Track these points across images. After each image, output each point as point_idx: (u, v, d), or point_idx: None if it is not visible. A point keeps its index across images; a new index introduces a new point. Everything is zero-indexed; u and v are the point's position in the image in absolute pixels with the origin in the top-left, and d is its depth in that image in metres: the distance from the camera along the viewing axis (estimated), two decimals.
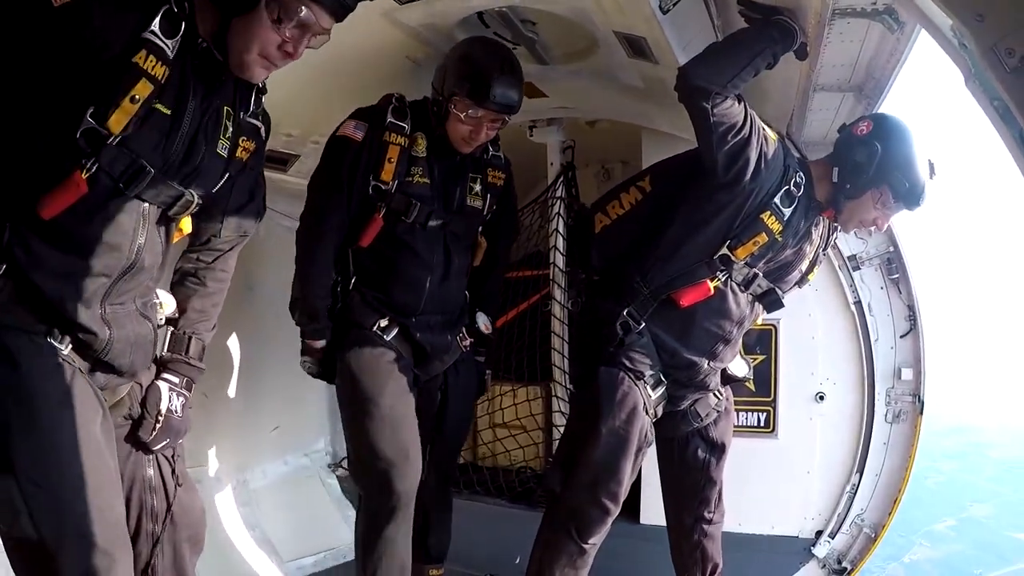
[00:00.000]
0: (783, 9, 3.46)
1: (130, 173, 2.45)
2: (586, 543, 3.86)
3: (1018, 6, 2.00)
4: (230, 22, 2.51)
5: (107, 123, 2.34)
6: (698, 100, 3.43)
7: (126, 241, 2.54)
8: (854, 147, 3.71)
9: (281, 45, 2.53)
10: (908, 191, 3.70)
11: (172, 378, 2.96)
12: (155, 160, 2.50)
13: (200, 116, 2.60)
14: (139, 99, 2.36)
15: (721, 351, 3.95)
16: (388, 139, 3.82)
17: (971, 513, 17.08)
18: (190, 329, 3.05)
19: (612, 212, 4.06)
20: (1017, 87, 2.00)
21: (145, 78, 2.36)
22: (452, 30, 4.35)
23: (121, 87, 2.33)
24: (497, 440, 6.51)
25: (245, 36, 2.51)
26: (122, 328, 2.63)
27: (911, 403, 5.21)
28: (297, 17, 2.49)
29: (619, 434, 3.74)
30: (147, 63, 2.35)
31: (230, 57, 2.56)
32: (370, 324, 3.91)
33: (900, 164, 3.66)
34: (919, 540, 15.64)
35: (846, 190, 3.75)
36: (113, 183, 2.44)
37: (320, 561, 5.79)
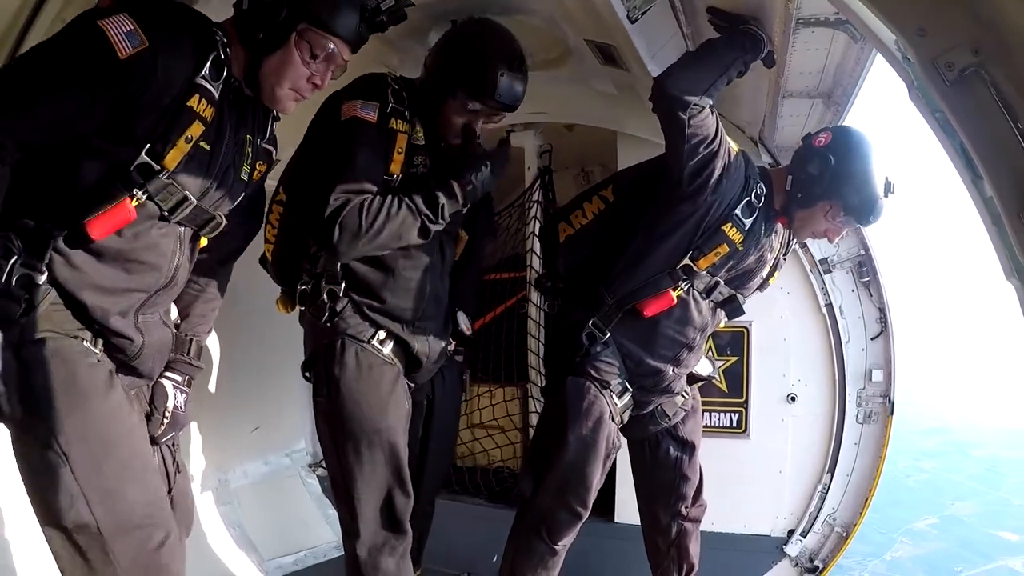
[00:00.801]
0: (750, 18, 3.53)
1: (175, 203, 2.64)
2: (556, 544, 3.92)
3: (957, 22, 2.07)
4: (260, 60, 2.72)
5: (163, 160, 2.55)
6: (675, 111, 3.47)
7: (165, 262, 2.76)
8: (809, 158, 3.76)
9: (310, 78, 2.76)
10: (859, 206, 3.74)
11: (176, 376, 3.15)
12: (196, 190, 2.70)
13: (232, 148, 2.81)
14: (192, 139, 2.60)
15: (685, 358, 4.00)
16: (394, 126, 3.43)
17: (953, 511, 17.23)
18: (191, 332, 3.22)
19: (576, 221, 4.10)
20: (956, 100, 2.07)
21: (198, 120, 2.59)
22: (426, 35, 4.40)
23: (178, 129, 2.55)
24: (475, 440, 6.55)
25: (277, 72, 2.73)
26: (151, 335, 2.83)
27: (882, 404, 5.27)
28: (325, 52, 2.73)
29: (586, 442, 3.79)
30: (199, 106, 2.58)
31: (262, 91, 2.78)
32: (366, 337, 3.53)
33: (853, 179, 3.70)
34: (901, 538, 15.79)
35: (798, 199, 3.80)
36: (159, 211, 2.64)
37: (300, 560, 5.84)
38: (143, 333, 2.78)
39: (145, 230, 2.64)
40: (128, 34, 2.40)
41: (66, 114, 2.42)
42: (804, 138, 3.93)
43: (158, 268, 2.74)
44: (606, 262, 3.91)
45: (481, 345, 6.30)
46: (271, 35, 2.67)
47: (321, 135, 3.52)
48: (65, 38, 2.44)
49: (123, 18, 2.41)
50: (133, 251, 2.63)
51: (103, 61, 2.39)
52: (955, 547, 15.85)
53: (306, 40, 2.69)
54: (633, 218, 3.89)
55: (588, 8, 3.62)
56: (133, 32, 2.40)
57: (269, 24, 2.65)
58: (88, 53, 2.39)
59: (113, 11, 2.42)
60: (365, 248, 3.36)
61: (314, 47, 2.71)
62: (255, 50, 2.70)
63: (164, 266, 2.76)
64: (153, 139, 2.53)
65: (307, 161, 3.62)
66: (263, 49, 2.69)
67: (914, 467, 19.28)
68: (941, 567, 15.30)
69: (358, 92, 3.45)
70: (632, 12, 3.59)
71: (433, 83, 3.58)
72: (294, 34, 2.67)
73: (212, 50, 2.62)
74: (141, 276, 2.70)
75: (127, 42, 2.40)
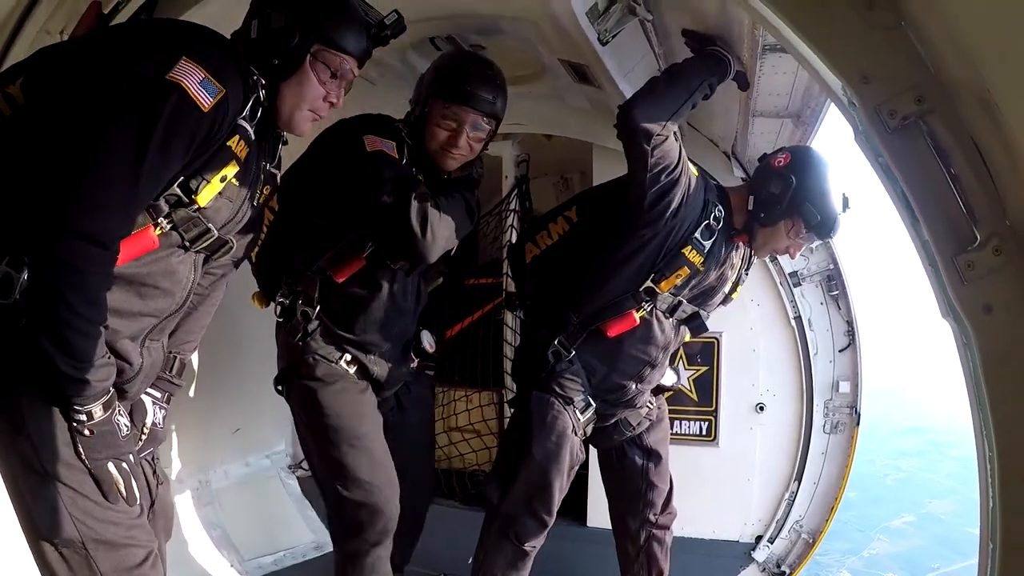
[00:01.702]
0: (718, 39, 3.61)
1: (197, 234, 2.65)
2: (524, 545, 4.02)
3: (902, 70, 2.16)
4: (277, 86, 2.76)
5: (196, 196, 2.54)
6: (639, 141, 3.53)
7: (179, 288, 2.76)
8: (770, 178, 3.83)
9: (326, 97, 2.82)
10: (820, 223, 3.82)
11: (156, 393, 3.13)
12: (218, 223, 2.71)
13: (254, 179, 2.84)
14: (227, 178, 2.62)
15: (648, 374, 4.09)
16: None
17: (930, 509, 17.33)
18: (176, 349, 3.19)
19: (541, 242, 4.18)
20: (896, 147, 2.17)
21: (235, 160, 2.62)
22: (405, 52, 4.48)
23: (215, 167, 2.57)
24: (451, 444, 6.63)
25: (296, 96, 2.79)
26: (151, 357, 2.83)
27: (848, 415, 5.38)
28: (339, 70, 2.81)
29: (550, 455, 3.89)
30: (237, 146, 2.61)
31: (279, 116, 2.83)
32: (334, 358, 3.69)
33: (813, 197, 3.78)
34: (878, 535, 15.90)
35: (760, 218, 3.87)
36: (181, 240, 2.64)
37: (279, 560, 5.89)
38: (143, 356, 2.77)
39: (163, 256, 2.62)
40: (203, 83, 2.40)
41: (163, 179, 2.46)
42: (762, 158, 4.02)
43: (172, 294, 2.74)
44: (571, 283, 3.99)
45: (459, 349, 6.40)
46: (286, 60, 2.72)
47: (340, 162, 3.54)
48: (145, 106, 2.34)
49: (191, 67, 2.39)
50: (150, 276, 2.61)
51: (193, 121, 2.41)
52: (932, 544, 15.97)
53: (320, 60, 2.76)
54: (596, 240, 3.96)
55: (560, 31, 3.69)
56: (207, 80, 2.41)
57: (283, 50, 2.71)
58: (178, 118, 2.37)
59: (169, 57, 2.38)
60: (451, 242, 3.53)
61: (329, 66, 2.79)
62: (271, 77, 2.74)
63: (178, 293, 2.77)
64: (188, 174, 2.52)
65: (314, 180, 3.68)
66: (279, 75, 2.75)
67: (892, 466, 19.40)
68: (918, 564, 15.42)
69: (375, 128, 3.59)
70: (603, 35, 3.65)
71: (416, 106, 3.75)
72: (308, 56, 2.74)
73: (254, 91, 2.65)
74: (155, 301, 2.68)
75: (206, 93, 2.41)
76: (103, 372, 2.41)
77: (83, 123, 2.31)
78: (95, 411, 2.41)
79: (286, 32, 2.70)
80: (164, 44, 2.44)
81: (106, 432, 2.46)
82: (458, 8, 3.97)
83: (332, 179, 3.57)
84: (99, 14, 3.61)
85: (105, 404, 2.45)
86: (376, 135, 3.54)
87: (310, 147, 3.73)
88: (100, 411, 2.43)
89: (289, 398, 3.85)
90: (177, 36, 2.50)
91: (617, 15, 3.61)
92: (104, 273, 2.33)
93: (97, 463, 2.45)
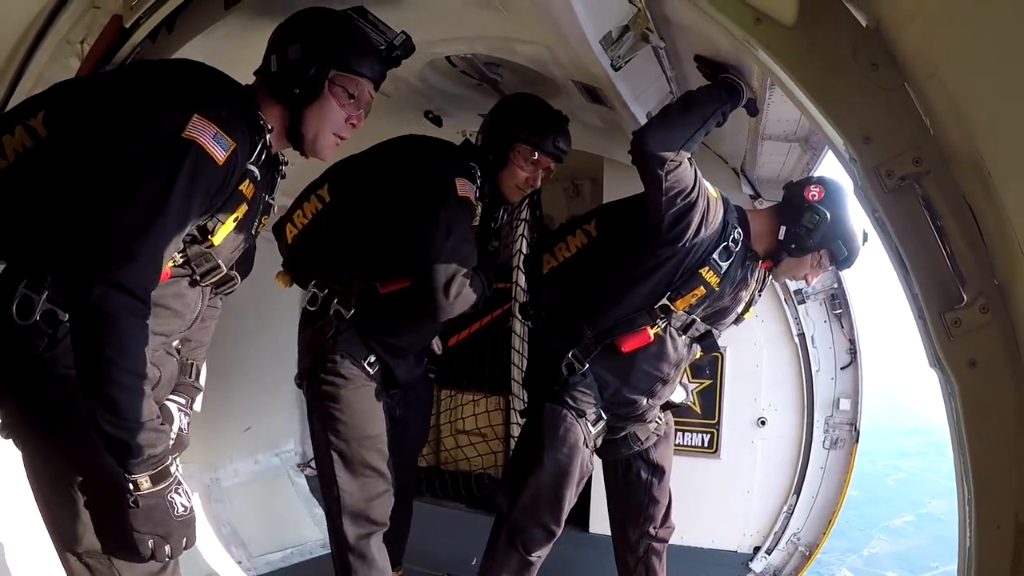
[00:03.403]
0: (731, 66, 3.65)
1: (207, 269, 2.81)
2: (531, 555, 4.09)
3: (901, 132, 2.24)
4: (300, 114, 2.89)
5: (212, 236, 2.70)
6: (653, 167, 3.58)
7: (189, 311, 2.91)
8: (804, 211, 3.83)
9: (348, 119, 2.95)
10: (846, 258, 3.90)
11: (180, 399, 3.21)
12: (226, 259, 2.88)
13: (257, 213, 2.99)
14: (238, 219, 2.78)
15: (659, 390, 4.11)
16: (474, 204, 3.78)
17: (929, 509, 17.34)
18: (191, 357, 3.31)
19: (559, 254, 4.21)
20: (892, 206, 2.25)
21: (245, 202, 2.78)
22: (422, 70, 4.54)
23: (228, 210, 2.71)
24: (459, 447, 6.71)
25: (319, 121, 2.91)
26: (165, 369, 2.97)
27: (848, 431, 5.47)
28: (358, 92, 2.94)
29: (560, 466, 3.94)
30: (247, 189, 2.76)
31: (304, 142, 2.96)
32: (361, 357, 3.80)
33: (844, 233, 3.83)
34: (878, 534, 15.92)
35: (791, 249, 3.90)
36: (192, 274, 2.80)
37: (287, 557, 6.02)
38: (160, 367, 2.90)
39: (175, 282, 2.77)
40: (216, 138, 2.53)
41: (187, 227, 2.59)
42: (790, 187, 4.02)
43: (182, 316, 2.89)
44: (587, 296, 4.02)
45: (468, 354, 6.48)
46: (307, 88, 2.84)
47: (423, 197, 3.65)
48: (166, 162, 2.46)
49: (203, 123, 2.51)
50: (162, 298, 2.70)
51: (209, 172, 2.54)
52: (930, 544, 15.99)
53: (338, 85, 2.88)
54: (614, 255, 3.99)
55: (574, 56, 3.72)
56: (219, 135, 2.54)
57: (302, 79, 2.83)
58: (197, 171, 2.50)
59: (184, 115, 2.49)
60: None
61: (347, 89, 2.90)
62: (293, 105, 2.88)
63: (187, 315, 2.91)
64: (205, 217, 2.66)
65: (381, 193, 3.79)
66: (301, 102, 2.87)
67: (893, 466, 19.41)
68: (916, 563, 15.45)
69: (466, 174, 3.74)
70: (616, 61, 3.68)
71: (496, 143, 3.92)
72: (327, 82, 2.86)
73: (261, 136, 2.80)
74: (166, 321, 2.80)
75: (219, 147, 2.54)
76: (149, 437, 2.40)
77: (111, 180, 2.44)
78: (141, 482, 2.42)
79: (303, 62, 2.83)
80: (177, 101, 2.55)
81: (153, 507, 2.46)
82: (475, 30, 3.99)
83: (405, 204, 3.68)
84: (120, 28, 3.72)
85: (154, 477, 2.45)
86: (464, 178, 3.71)
87: (378, 155, 3.89)
88: (147, 483, 2.43)
89: (308, 393, 3.96)
90: (188, 91, 2.62)
91: (630, 42, 3.63)
92: (138, 323, 2.39)
93: (138, 536, 2.47)
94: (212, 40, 3.75)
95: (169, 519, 2.49)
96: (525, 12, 3.46)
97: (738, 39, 2.50)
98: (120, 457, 2.39)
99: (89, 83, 2.89)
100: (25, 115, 2.65)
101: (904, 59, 2.18)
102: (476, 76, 4.72)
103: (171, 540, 2.51)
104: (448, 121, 4.37)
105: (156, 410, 2.48)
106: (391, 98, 4.73)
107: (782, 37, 2.35)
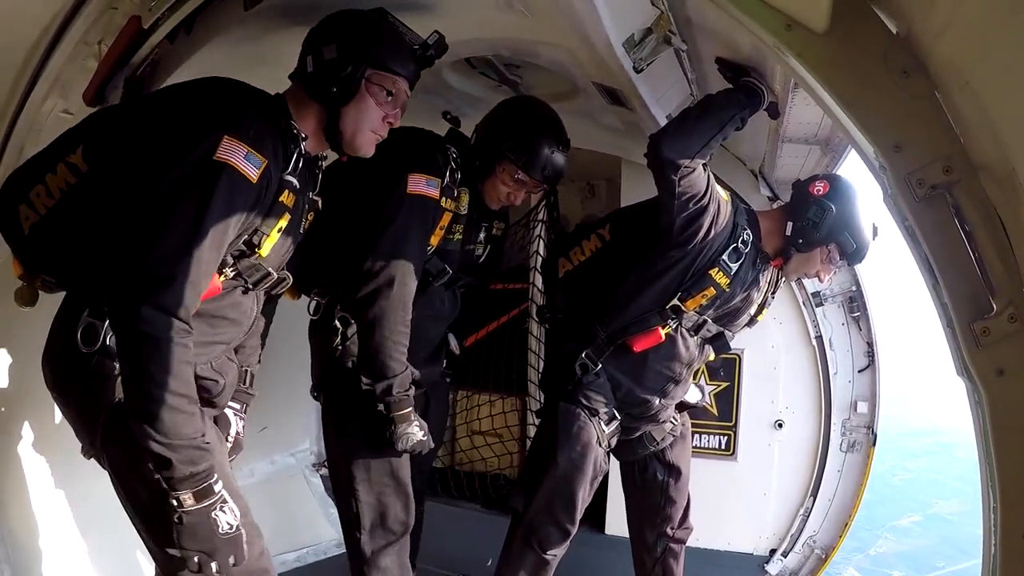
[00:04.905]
0: (752, 70, 3.65)
1: (259, 278, 2.91)
2: (546, 554, 4.13)
3: (931, 141, 2.24)
4: (338, 113, 2.94)
5: (259, 249, 2.81)
6: (667, 173, 3.61)
7: (246, 319, 3.05)
8: (809, 206, 3.88)
9: (384, 117, 3.00)
10: (855, 251, 3.91)
11: (235, 405, 3.34)
12: (276, 265, 2.98)
13: (302, 214, 3.07)
14: (283, 228, 2.87)
15: (672, 390, 4.15)
16: (445, 204, 3.73)
17: (936, 509, 17.26)
18: (245, 363, 3.38)
19: (574, 258, 4.26)
20: (923, 215, 2.25)
21: (287, 212, 2.86)
22: (441, 70, 4.55)
23: (271, 222, 2.81)
24: (474, 448, 6.72)
25: (357, 119, 2.96)
26: (228, 376, 3.04)
27: (865, 434, 5.46)
28: (395, 90, 3.00)
29: (575, 465, 3.99)
30: (287, 199, 2.84)
31: (343, 140, 3.01)
32: None
33: (850, 225, 3.86)
34: (885, 534, 15.88)
35: (798, 244, 3.93)
36: (244, 284, 2.89)
37: (302, 556, 6.06)
38: (223, 374, 2.99)
39: (229, 293, 2.87)
40: (247, 157, 2.61)
41: (225, 245, 2.67)
42: (797, 185, 4.04)
43: (239, 324, 3.00)
44: (600, 298, 4.06)
45: (485, 354, 6.47)
46: (344, 86, 2.89)
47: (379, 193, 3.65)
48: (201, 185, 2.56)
49: (234, 144, 2.59)
50: (219, 309, 2.85)
51: (244, 190, 2.63)
52: (937, 544, 15.95)
53: (375, 83, 2.93)
54: (627, 259, 4.03)
55: (595, 59, 3.73)
56: (250, 154, 2.62)
57: (340, 78, 2.87)
58: (232, 191, 2.59)
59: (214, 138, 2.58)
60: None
61: (384, 86, 2.95)
62: (331, 104, 2.92)
63: (244, 322, 3.04)
64: (252, 232, 2.76)
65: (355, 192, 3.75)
66: (339, 101, 2.91)
67: (900, 466, 19.33)
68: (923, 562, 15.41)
69: (424, 164, 3.68)
70: (638, 63, 3.67)
71: (484, 151, 3.87)
72: (364, 81, 2.91)
73: (296, 145, 2.86)
74: (225, 330, 2.94)
75: (251, 165, 2.62)
76: (192, 454, 2.50)
77: (150, 206, 2.55)
78: (185, 499, 2.50)
79: (340, 62, 2.88)
80: (207, 125, 2.63)
81: (196, 524, 2.55)
82: (496, 32, 3.99)
83: (366, 198, 3.69)
84: (139, 29, 3.74)
85: (197, 494, 2.53)
86: (423, 172, 3.65)
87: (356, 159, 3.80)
88: (191, 500, 2.51)
89: (323, 402, 3.97)
90: (218, 113, 2.69)
91: (652, 45, 3.62)
92: (180, 343, 2.47)
93: (184, 552, 2.56)
94: (231, 41, 3.79)
95: (214, 536, 2.58)
96: (549, 15, 3.47)
97: (768, 45, 2.50)
98: (163, 474, 2.47)
99: (122, 113, 2.99)
100: (64, 151, 2.80)
101: (936, 68, 2.18)
102: (496, 77, 4.73)
103: (217, 557, 2.58)
104: (467, 122, 4.36)
105: (200, 428, 2.56)
106: (409, 97, 4.73)
107: (813, 44, 2.36)
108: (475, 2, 3.66)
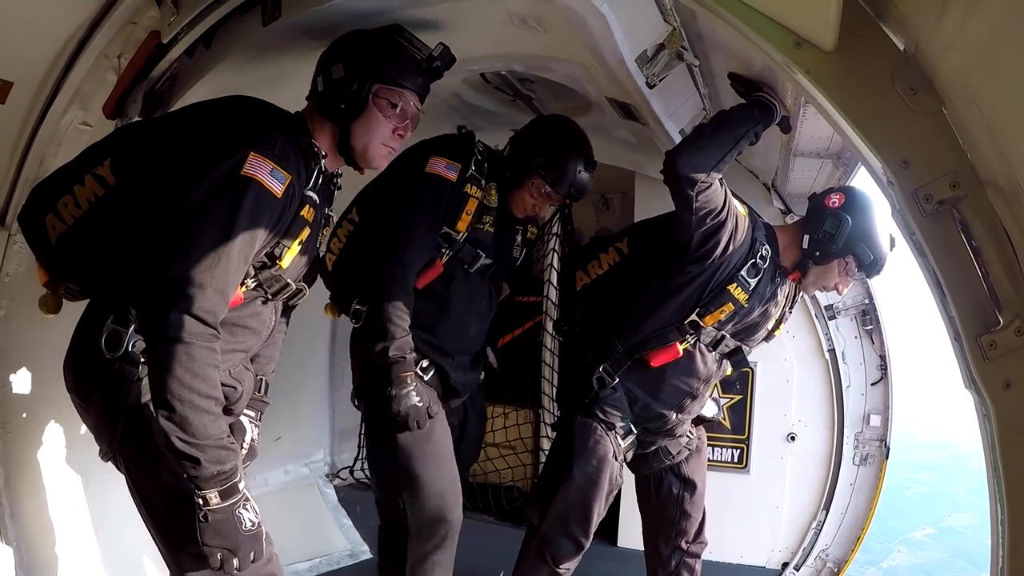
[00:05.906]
0: (764, 85, 3.67)
1: (278, 288, 2.98)
2: (559, 568, 4.14)
3: (938, 157, 2.26)
4: (349, 128, 3.03)
5: (280, 261, 2.89)
6: (684, 189, 3.62)
7: (265, 328, 3.11)
8: (825, 218, 3.89)
9: (395, 130, 3.08)
10: (872, 263, 3.90)
11: (251, 413, 3.41)
12: (294, 276, 3.05)
13: (319, 229, 3.15)
14: (303, 241, 2.95)
15: (688, 405, 4.15)
16: (468, 191, 3.85)
17: (949, 522, 17.15)
18: (260, 372, 3.42)
19: (592, 272, 4.27)
20: (931, 230, 2.28)
21: (307, 226, 2.95)
22: (456, 86, 4.60)
23: (292, 236, 2.89)
24: (488, 459, 6.67)
25: (367, 133, 3.04)
26: (245, 383, 3.12)
27: (878, 448, 5.45)
28: (401, 104, 3.05)
29: (590, 478, 3.99)
30: (307, 214, 2.93)
31: (355, 153, 3.09)
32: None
33: (867, 237, 3.86)
34: (898, 547, 15.79)
35: (815, 257, 3.94)
36: (264, 294, 2.98)
37: (315, 567, 6.03)
38: (240, 382, 3.06)
39: (249, 303, 2.94)
40: (272, 173, 2.70)
41: (251, 257, 2.76)
42: (813, 198, 4.06)
43: (258, 332, 3.07)
44: (618, 312, 4.07)
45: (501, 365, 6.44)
46: (352, 103, 2.97)
47: (402, 176, 3.84)
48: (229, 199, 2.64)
49: (259, 160, 2.68)
50: (240, 318, 2.92)
51: (270, 204, 2.71)
52: (950, 556, 15.84)
53: (382, 98, 3.00)
54: (645, 273, 4.05)
55: (608, 74, 3.76)
56: (275, 170, 2.71)
57: (347, 94, 2.96)
58: (258, 205, 2.67)
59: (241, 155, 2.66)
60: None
61: (391, 100, 3.02)
62: (342, 120, 3.01)
63: (263, 331, 3.10)
64: (273, 246, 2.85)
65: (383, 193, 3.96)
66: (348, 117, 2.99)
67: (913, 479, 19.22)
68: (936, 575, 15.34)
69: (446, 149, 3.88)
70: (650, 79, 3.71)
71: (516, 163, 4.00)
72: (371, 96, 2.99)
73: (316, 162, 2.96)
74: (244, 338, 3.00)
75: (276, 180, 2.71)
76: (219, 454, 2.55)
77: (180, 219, 2.62)
78: (211, 497, 2.55)
79: (347, 79, 2.97)
80: (234, 141, 2.72)
81: (221, 522, 2.58)
82: (510, 48, 4.04)
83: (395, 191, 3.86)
84: (158, 44, 3.80)
85: (222, 493, 2.57)
86: (444, 156, 3.84)
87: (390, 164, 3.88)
88: (216, 498, 2.55)
89: (364, 409, 4.01)
90: (244, 130, 2.77)
91: (665, 60, 3.66)
92: (208, 347, 2.55)
93: (207, 549, 2.59)
94: (249, 56, 3.83)
95: (237, 533, 2.61)
96: (562, 32, 3.50)
97: (777, 63, 2.53)
98: (191, 473, 2.53)
99: (150, 128, 3.10)
100: (92, 164, 2.90)
101: (943, 85, 2.21)
102: (510, 92, 4.78)
103: (239, 554, 2.62)
104: (481, 136, 4.39)
105: (226, 429, 2.63)
106: (424, 113, 4.77)
107: (822, 62, 2.39)
108: (490, 19, 3.68)
